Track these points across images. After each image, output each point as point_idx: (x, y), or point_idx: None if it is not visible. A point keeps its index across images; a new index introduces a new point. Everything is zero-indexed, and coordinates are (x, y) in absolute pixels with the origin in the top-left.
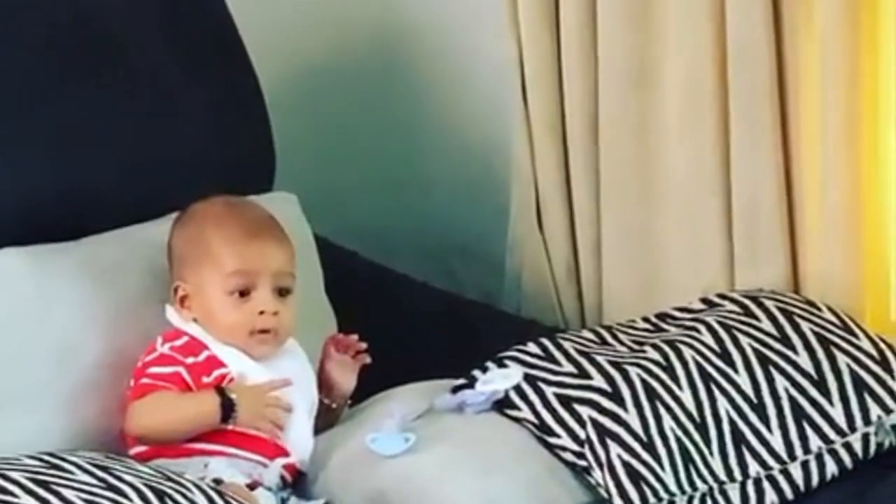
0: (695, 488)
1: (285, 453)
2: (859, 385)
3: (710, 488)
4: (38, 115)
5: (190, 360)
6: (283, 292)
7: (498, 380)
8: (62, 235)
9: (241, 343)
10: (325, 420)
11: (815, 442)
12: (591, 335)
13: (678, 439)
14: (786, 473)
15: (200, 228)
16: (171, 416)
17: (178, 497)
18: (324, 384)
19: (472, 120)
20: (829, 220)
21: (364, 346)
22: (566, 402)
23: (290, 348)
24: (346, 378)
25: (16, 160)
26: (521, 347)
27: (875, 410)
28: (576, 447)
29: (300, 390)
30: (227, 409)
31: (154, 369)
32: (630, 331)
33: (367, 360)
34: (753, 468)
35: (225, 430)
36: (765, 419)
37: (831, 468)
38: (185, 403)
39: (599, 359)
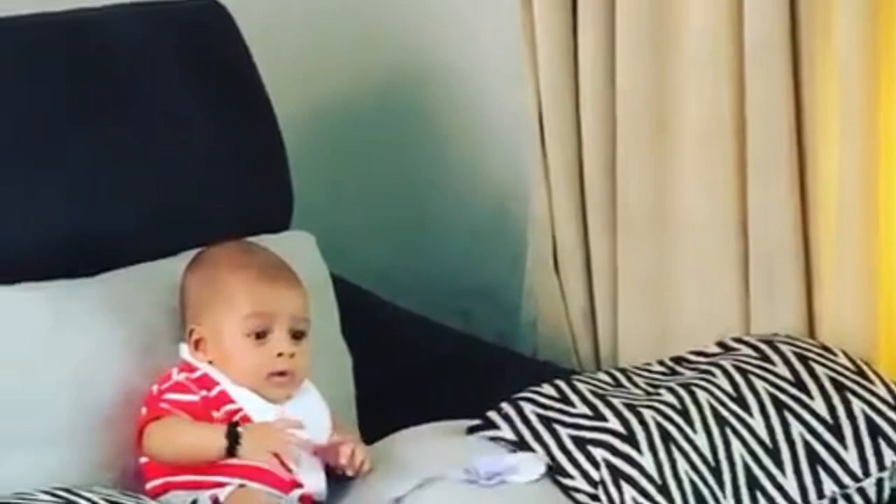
0: None
1: (300, 485)
2: (874, 430)
3: None
4: (55, 153)
5: (203, 392)
6: (297, 335)
7: (522, 469)
8: (78, 272)
9: (258, 385)
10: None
11: (829, 486)
12: (606, 377)
13: (692, 482)
14: None
15: (214, 272)
16: (179, 441)
17: None
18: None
19: (490, 163)
20: (844, 264)
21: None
22: (581, 443)
23: (305, 389)
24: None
25: (33, 197)
26: (536, 389)
27: (889, 456)
28: (590, 489)
29: (312, 431)
30: (233, 442)
31: (171, 395)
32: (645, 373)
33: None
34: None
35: (238, 464)
36: (779, 463)
37: None
38: (193, 430)
39: (614, 401)
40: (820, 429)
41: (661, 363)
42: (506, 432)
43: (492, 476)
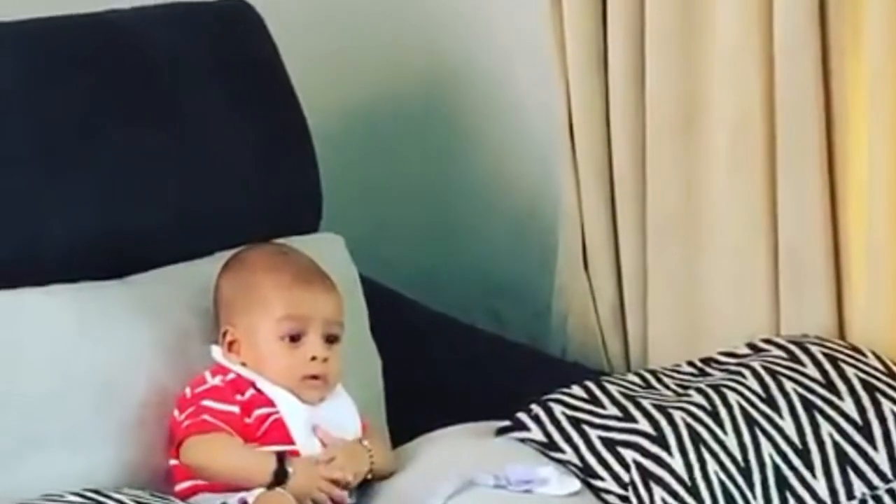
0: None
1: None
2: None
3: None
4: (83, 155)
5: (237, 397)
6: (331, 339)
7: (554, 483)
8: (107, 274)
9: (293, 387)
10: None
11: (859, 487)
12: (635, 378)
13: (722, 483)
14: None
15: (249, 274)
16: (225, 464)
17: None
18: None
19: (519, 163)
20: (874, 264)
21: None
22: (610, 444)
23: (336, 392)
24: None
25: (63, 199)
26: (565, 390)
27: None
28: (620, 490)
29: (341, 433)
30: (280, 478)
31: (209, 402)
32: (675, 375)
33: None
34: None
35: None
36: (809, 464)
37: None
38: (241, 456)
39: (644, 402)
40: (850, 429)
41: (691, 364)
42: (535, 433)
43: (521, 484)
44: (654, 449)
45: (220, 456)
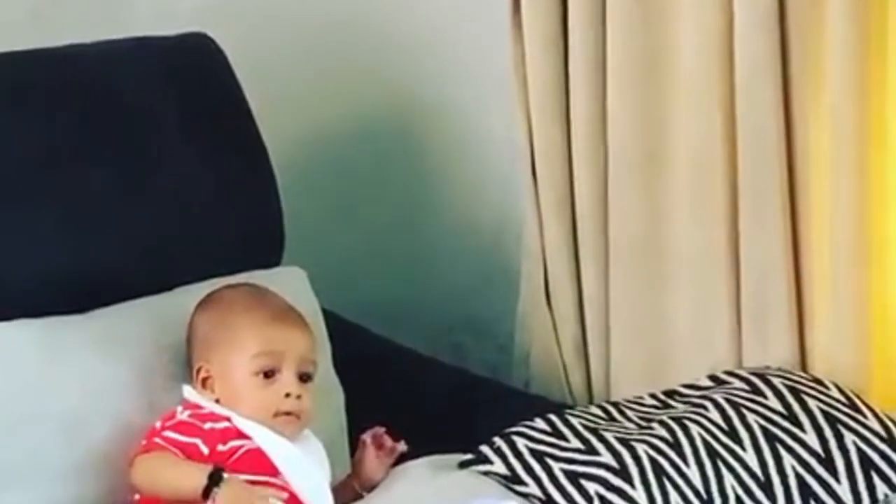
0: None
1: None
2: (866, 463)
3: None
4: (51, 190)
5: (208, 425)
6: (304, 378)
7: None
8: (72, 308)
9: (266, 423)
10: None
11: None
12: (598, 411)
13: None
14: None
15: (225, 312)
16: (162, 477)
17: None
18: (356, 474)
19: (483, 197)
20: (837, 298)
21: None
22: (573, 477)
23: (306, 436)
24: (380, 471)
25: (29, 234)
26: (528, 423)
27: (882, 488)
28: None
29: (323, 470)
30: (212, 483)
31: (170, 434)
32: (638, 407)
33: (403, 448)
34: None
35: None
36: (772, 497)
37: None
38: (176, 466)
39: (607, 435)
40: (812, 462)
41: (654, 397)
42: (498, 467)
43: None
44: (617, 482)
45: (157, 469)
